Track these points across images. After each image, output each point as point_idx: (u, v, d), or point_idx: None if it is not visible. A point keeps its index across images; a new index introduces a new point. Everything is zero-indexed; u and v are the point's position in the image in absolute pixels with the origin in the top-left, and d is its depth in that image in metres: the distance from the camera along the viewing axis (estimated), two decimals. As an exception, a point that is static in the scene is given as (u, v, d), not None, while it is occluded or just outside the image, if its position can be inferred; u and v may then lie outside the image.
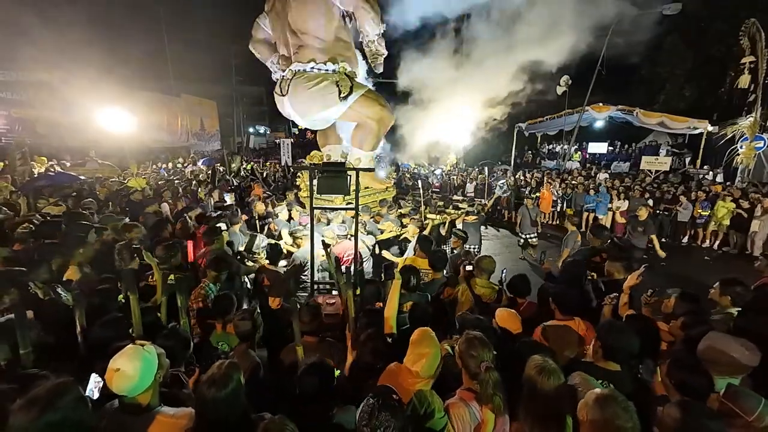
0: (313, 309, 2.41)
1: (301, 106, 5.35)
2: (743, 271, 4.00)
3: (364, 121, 5.53)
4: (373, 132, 5.53)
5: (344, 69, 5.30)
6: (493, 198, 10.43)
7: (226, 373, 1.41)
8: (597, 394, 1.44)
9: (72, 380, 1.36)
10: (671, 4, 11.68)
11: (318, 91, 5.11)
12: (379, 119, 5.43)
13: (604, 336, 1.97)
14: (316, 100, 5.19)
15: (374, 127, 5.49)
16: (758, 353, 1.81)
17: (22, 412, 1.21)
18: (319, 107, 5.27)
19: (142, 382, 1.49)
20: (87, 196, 6.29)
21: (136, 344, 1.58)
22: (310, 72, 5.18)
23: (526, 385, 1.54)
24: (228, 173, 10.73)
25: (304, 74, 5.20)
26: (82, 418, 1.31)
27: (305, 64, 5.17)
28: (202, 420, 1.37)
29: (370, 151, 5.73)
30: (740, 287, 2.57)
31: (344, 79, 5.16)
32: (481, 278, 3.13)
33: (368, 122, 5.48)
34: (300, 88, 5.19)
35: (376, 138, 5.60)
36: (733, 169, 13.01)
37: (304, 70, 5.20)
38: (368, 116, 5.40)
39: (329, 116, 5.43)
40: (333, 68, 5.18)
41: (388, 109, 5.51)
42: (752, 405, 1.50)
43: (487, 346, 1.74)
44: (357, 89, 5.24)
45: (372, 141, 5.62)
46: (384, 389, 1.42)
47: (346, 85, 5.10)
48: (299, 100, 5.27)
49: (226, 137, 27.49)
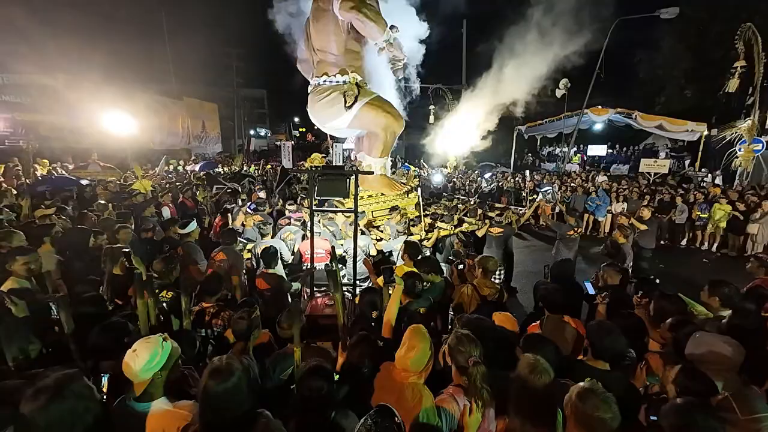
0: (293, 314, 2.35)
1: (315, 116, 5.80)
2: (741, 274, 4.02)
3: (370, 128, 5.65)
4: (380, 139, 5.62)
5: (354, 79, 5.45)
6: (533, 206, 8.64)
7: (229, 365, 1.45)
8: (578, 388, 1.49)
9: (78, 370, 1.41)
10: (669, 9, 11.78)
11: (327, 102, 5.42)
12: (385, 126, 5.51)
13: (592, 336, 2.03)
14: (325, 111, 5.53)
15: (380, 134, 5.58)
16: (743, 349, 1.86)
17: (31, 400, 1.26)
18: (329, 117, 5.58)
19: (144, 371, 1.54)
20: (89, 199, 6.37)
21: (160, 336, 1.66)
22: (323, 85, 5.51)
23: (517, 382, 1.58)
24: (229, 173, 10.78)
25: (318, 87, 5.56)
26: (89, 406, 1.35)
27: (319, 78, 5.53)
28: (205, 411, 1.41)
29: (379, 158, 5.81)
30: (728, 288, 2.61)
31: (352, 89, 5.32)
32: (485, 279, 3.26)
33: (375, 129, 5.60)
34: (314, 100, 5.59)
35: (383, 145, 5.68)
36: (732, 171, 13.06)
37: (318, 83, 5.55)
38: (374, 124, 5.52)
39: (339, 125, 5.66)
40: (343, 80, 5.41)
41: (394, 116, 5.57)
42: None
43: (475, 342, 1.80)
44: (362, 97, 5.38)
45: (380, 147, 5.70)
46: (385, 410, 1.41)
47: (351, 94, 5.27)
48: (313, 112, 5.73)
49: (227, 140, 27.64)
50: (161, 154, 16.15)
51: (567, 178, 13.95)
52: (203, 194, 8.50)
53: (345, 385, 1.90)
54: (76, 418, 1.31)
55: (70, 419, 1.29)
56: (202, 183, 9.94)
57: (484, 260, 3.34)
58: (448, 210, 7.05)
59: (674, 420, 1.49)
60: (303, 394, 1.60)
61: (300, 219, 5.78)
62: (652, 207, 7.69)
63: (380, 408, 1.42)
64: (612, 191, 10.50)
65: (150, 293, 2.23)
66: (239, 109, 28.88)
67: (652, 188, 11.32)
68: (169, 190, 8.24)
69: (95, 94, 12.89)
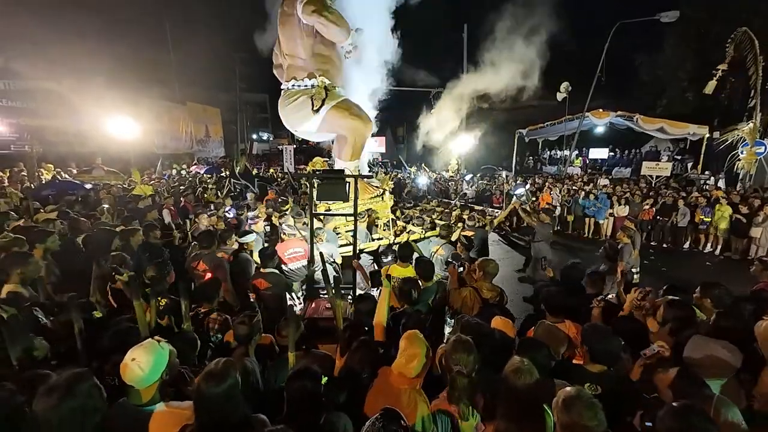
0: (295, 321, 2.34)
1: (286, 121, 5.79)
2: (744, 277, 4.00)
3: (339, 132, 5.67)
4: (348, 142, 5.60)
5: (323, 83, 5.44)
6: (507, 208, 9.03)
7: (224, 369, 1.47)
8: (564, 395, 1.47)
9: (87, 370, 1.45)
10: (669, 12, 11.80)
11: (295, 106, 5.45)
12: (352, 129, 5.50)
13: (588, 340, 2.03)
14: (294, 115, 5.54)
15: (348, 137, 5.58)
16: (740, 354, 1.86)
17: (43, 398, 1.31)
18: (298, 121, 5.60)
19: (151, 375, 1.58)
20: (93, 204, 6.43)
21: (154, 339, 1.68)
22: (291, 89, 5.52)
23: (504, 384, 1.58)
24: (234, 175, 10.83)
25: (288, 92, 5.58)
26: (98, 404, 1.41)
27: (288, 83, 5.55)
28: (200, 414, 1.43)
29: (350, 161, 5.77)
30: (719, 290, 2.61)
31: (320, 92, 5.32)
32: (486, 281, 3.28)
33: (343, 133, 5.62)
34: (283, 104, 5.62)
35: (352, 148, 5.65)
36: (734, 174, 13.01)
37: (288, 88, 5.58)
38: (341, 127, 5.54)
39: (309, 129, 5.67)
40: (311, 83, 5.42)
41: (361, 119, 5.53)
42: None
43: (469, 350, 1.77)
44: (329, 101, 5.37)
45: (349, 151, 5.68)
46: (392, 413, 1.41)
47: (319, 97, 5.28)
48: (284, 116, 5.73)
49: (230, 144, 27.79)
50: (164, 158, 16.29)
51: (568, 180, 13.94)
52: (211, 195, 8.56)
53: (344, 389, 1.91)
54: (86, 417, 1.35)
55: (81, 417, 1.34)
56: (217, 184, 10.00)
57: (485, 263, 3.37)
58: (427, 213, 7.04)
59: (671, 424, 1.48)
60: (290, 395, 1.61)
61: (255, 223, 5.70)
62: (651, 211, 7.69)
63: (386, 411, 1.41)
64: (614, 194, 10.47)
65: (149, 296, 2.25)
66: (242, 113, 29.05)
67: (655, 191, 11.28)
68: (172, 194, 8.31)
69: (99, 99, 13.03)
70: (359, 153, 5.83)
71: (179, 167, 16.05)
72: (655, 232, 9.60)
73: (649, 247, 8.98)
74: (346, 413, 1.69)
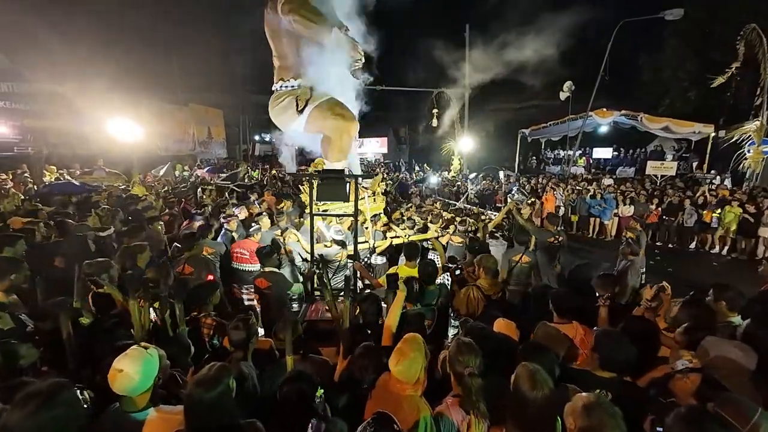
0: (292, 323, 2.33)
1: (276, 122, 5.74)
2: (752, 277, 3.92)
3: (324, 131, 5.62)
4: (332, 142, 5.50)
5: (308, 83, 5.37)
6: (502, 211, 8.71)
7: (216, 375, 1.43)
8: (584, 401, 1.42)
9: (67, 380, 1.40)
10: (673, 10, 11.70)
11: (282, 108, 5.38)
12: (335, 128, 5.40)
13: (600, 347, 1.94)
14: (281, 116, 5.48)
15: (331, 137, 5.49)
16: (755, 354, 1.79)
17: (19, 407, 1.25)
18: (285, 122, 5.53)
19: (143, 383, 1.54)
20: (91, 205, 6.38)
21: (140, 346, 1.63)
22: (279, 90, 5.45)
23: (516, 394, 1.51)
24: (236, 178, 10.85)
25: (276, 93, 5.52)
26: (77, 414, 1.36)
27: (276, 84, 5.49)
28: (190, 420, 1.40)
29: (337, 161, 5.66)
30: (731, 291, 2.53)
31: (304, 92, 5.27)
32: (486, 278, 3.27)
33: (327, 133, 5.56)
34: (272, 106, 5.56)
35: (336, 148, 5.51)
36: (740, 173, 12.86)
37: (276, 89, 5.51)
38: (324, 127, 5.47)
39: (296, 129, 5.62)
40: (297, 84, 5.33)
41: (344, 118, 5.38)
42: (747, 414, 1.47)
43: (474, 352, 1.73)
44: (313, 101, 5.31)
45: (333, 151, 5.56)
46: (384, 417, 1.39)
47: (303, 97, 5.23)
48: (273, 117, 5.69)
49: (232, 145, 27.86)
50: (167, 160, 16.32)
51: (572, 180, 13.83)
52: (210, 197, 8.54)
53: (344, 394, 1.86)
54: (62, 427, 1.29)
55: (56, 427, 1.28)
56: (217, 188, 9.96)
57: (484, 260, 3.38)
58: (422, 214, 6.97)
59: (682, 428, 1.41)
60: (283, 398, 1.59)
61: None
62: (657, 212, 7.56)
63: (379, 415, 1.38)
64: (618, 193, 10.37)
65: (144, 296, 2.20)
66: (244, 115, 29.11)
67: (660, 191, 11.15)
68: (175, 196, 8.30)
69: (102, 102, 13.08)
70: (346, 152, 5.74)
71: (182, 168, 16.09)
72: (661, 232, 9.50)
73: (654, 247, 8.87)
74: (346, 420, 1.64)
